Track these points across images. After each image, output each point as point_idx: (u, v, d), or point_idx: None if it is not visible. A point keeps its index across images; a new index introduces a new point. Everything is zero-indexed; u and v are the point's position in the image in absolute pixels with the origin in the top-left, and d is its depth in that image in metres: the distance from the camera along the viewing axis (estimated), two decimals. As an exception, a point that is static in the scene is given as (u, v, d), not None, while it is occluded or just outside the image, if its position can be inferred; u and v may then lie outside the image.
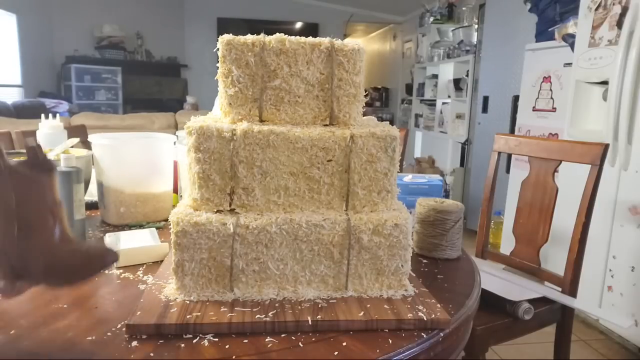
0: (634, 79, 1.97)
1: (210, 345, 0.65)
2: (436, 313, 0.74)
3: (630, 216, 2.06)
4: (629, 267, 2.06)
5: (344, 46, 0.83)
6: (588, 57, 2.28)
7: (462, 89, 4.44)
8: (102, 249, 0.68)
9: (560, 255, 1.64)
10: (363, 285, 0.82)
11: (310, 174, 0.81)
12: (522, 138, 1.70)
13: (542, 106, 2.83)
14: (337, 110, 0.85)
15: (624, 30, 2.00)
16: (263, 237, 0.78)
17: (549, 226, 1.55)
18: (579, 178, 1.55)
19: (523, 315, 1.33)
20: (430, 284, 0.90)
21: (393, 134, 0.82)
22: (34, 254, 0.65)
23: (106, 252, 0.68)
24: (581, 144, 1.53)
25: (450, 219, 1.06)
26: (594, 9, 2.26)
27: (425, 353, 0.69)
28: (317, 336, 0.69)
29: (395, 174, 0.84)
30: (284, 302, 0.77)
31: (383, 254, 0.81)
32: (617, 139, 2.06)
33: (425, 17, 5.32)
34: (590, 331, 2.33)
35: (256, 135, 0.79)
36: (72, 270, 0.66)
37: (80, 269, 0.66)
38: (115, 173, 1.20)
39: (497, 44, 3.70)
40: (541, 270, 1.56)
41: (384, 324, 0.71)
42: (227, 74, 0.82)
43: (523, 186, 1.66)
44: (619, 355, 2.13)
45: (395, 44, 7.18)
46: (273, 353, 0.64)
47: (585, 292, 2.04)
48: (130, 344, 0.65)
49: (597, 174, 1.44)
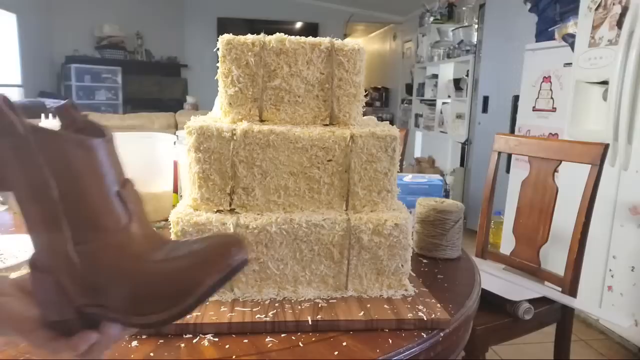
0: (634, 79, 1.97)
1: (210, 345, 0.65)
2: (436, 313, 0.74)
3: (630, 216, 2.06)
4: (629, 267, 2.06)
5: (344, 46, 0.83)
6: (588, 57, 2.28)
7: (462, 89, 4.44)
8: (222, 244, 0.43)
9: (560, 255, 1.64)
10: (363, 285, 0.82)
11: (310, 173, 0.81)
12: (522, 138, 1.70)
13: (542, 106, 2.83)
14: (337, 110, 0.85)
15: (624, 30, 2.00)
16: (263, 237, 0.78)
17: (549, 226, 1.55)
18: (579, 178, 1.55)
19: (523, 315, 1.33)
20: (430, 284, 0.90)
21: (393, 133, 0.82)
22: (106, 271, 0.42)
23: (229, 247, 0.42)
24: (581, 144, 1.53)
25: (450, 219, 1.06)
26: (594, 8, 2.26)
27: (425, 353, 0.69)
28: (317, 336, 0.69)
29: (395, 174, 0.84)
30: (284, 302, 0.77)
31: (383, 254, 0.81)
32: (617, 139, 2.06)
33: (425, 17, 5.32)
34: (590, 331, 2.33)
35: (256, 135, 0.79)
36: (177, 290, 0.41)
37: (190, 285, 0.41)
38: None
39: (497, 44, 3.70)
40: (541, 270, 1.56)
41: (384, 324, 0.71)
42: (227, 74, 0.82)
43: (523, 186, 1.66)
44: (619, 355, 2.13)
45: (395, 44, 7.18)
46: (273, 353, 0.64)
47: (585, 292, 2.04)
48: (130, 344, 0.65)
49: (597, 174, 1.44)
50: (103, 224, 0.42)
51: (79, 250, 0.42)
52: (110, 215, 0.42)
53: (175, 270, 0.41)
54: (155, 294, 0.41)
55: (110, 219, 0.42)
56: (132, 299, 0.41)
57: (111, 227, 0.42)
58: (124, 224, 0.43)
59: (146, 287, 0.41)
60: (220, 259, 0.41)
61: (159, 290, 0.41)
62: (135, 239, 0.43)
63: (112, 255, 0.42)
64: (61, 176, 0.41)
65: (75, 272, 0.42)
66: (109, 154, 0.43)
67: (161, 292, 0.41)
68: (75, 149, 0.41)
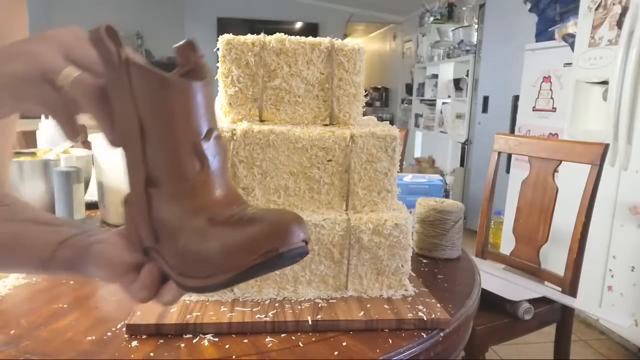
0: (634, 79, 1.97)
1: (210, 345, 0.65)
2: (436, 313, 0.74)
3: (630, 216, 2.06)
4: (629, 267, 2.06)
5: (344, 46, 0.83)
6: (588, 57, 2.28)
7: (462, 89, 4.44)
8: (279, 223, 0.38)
9: (560, 255, 1.64)
10: (363, 285, 0.82)
11: (310, 173, 0.81)
12: (522, 138, 1.70)
13: (542, 106, 2.83)
14: (337, 110, 0.85)
15: (624, 30, 2.00)
16: (263, 237, 0.78)
17: (549, 226, 1.55)
18: (579, 178, 1.55)
19: (523, 315, 1.33)
20: (430, 284, 0.90)
21: (393, 133, 0.82)
22: (168, 220, 0.41)
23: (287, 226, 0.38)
24: (581, 144, 1.53)
25: (450, 219, 1.06)
26: (594, 8, 2.26)
27: (425, 353, 0.69)
28: (317, 336, 0.69)
29: (395, 174, 0.84)
30: (284, 301, 0.77)
31: (383, 254, 0.81)
32: (617, 139, 2.06)
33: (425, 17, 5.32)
34: (590, 331, 2.33)
35: (256, 135, 0.79)
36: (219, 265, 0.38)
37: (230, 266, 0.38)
38: (115, 173, 1.20)
39: (497, 44, 3.70)
40: (541, 270, 1.56)
41: (384, 324, 0.71)
42: (227, 74, 0.82)
43: (523, 186, 1.66)
44: (619, 355, 2.13)
45: (395, 44, 7.18)
46: (273, 353, 0.64)
47: (585, 292, 2.04)
48: (130, 344, 0.65)
49: (597, 174, 1.44)
50: (177, 172, 0.40)
51: (150, 193, 0.41)
52: (186, 165, 0.40)
53: (228, 241, 0.38)
54: (201, 259, 0.39)
55: (186, 169, 0.40)
56: (180, 255, 0.40)
57: (185, 177, 0.40)
58: (200, 176, 0.40)
59: (195, 248, 0.39)
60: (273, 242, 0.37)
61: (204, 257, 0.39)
62: (206, 193, 0.41)
63: (176, 206, 0.40)
64: (147, 115, 0.39)
65: (145, 213, 0.42)
66: (204, 99, 0.40)
67: (206, 259, 0.39)
68: (169, 90, 0.39)
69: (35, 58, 0.40)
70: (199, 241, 0.39)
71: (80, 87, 0.40)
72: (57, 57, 0.41)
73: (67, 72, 0.40)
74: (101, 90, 0.40)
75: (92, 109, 0.41)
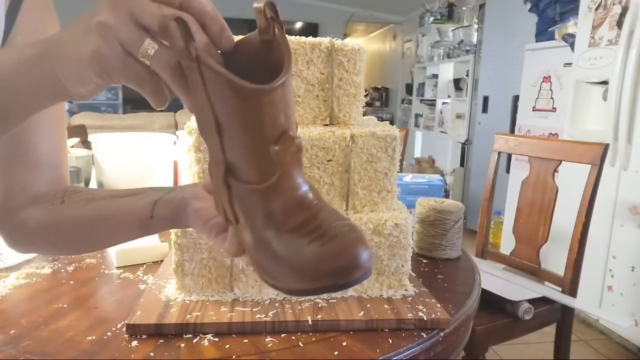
0: (634, 79, 1.97)
1: (210, 345, 0.65)
2: (436, 313, 0.74)
3: (630, 216, 2.06)
4: (629, 267, 2.06)
5: (344, 46, 0.83)
6: (588, 57, 2.28)
7: (462, 89, 4.44)
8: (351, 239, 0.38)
9: (560, 255, 1.64)
10: (363, 285, 0.81)
11: (310, 173, 0.81)
12: (522, 138, 1.70)
13: (542, 106, 2.83)
14: (337, 110, 0.85)
15: (624, 30, 2.00)
16: (263, 237, 0.78)
17: (549, 226, 1.55)
18: (579, 178, 1.55)
19: (523, 315, 1.33)
20: (430, 284, 0.90)
21: (393, 133, 0.82)
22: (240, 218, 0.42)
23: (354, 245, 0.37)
24: (581, 144, 1.53)
25: (450, 219, 1.06)
26: (594, 8, 2.26)
27: (425, 353, 0.69)
28: (317, 336, 0.69)
29: (395, 174, 0.84)
30: (284, 301, 0.77)
31: (383, 254, 0.81)
32: (617, 139, 2.06)
33: (425, 17, 5.32)
34: (590, 331, 2.33)
35: (256, 135, 0.79)
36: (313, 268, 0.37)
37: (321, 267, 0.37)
38: (115, 173, 1.20)
39: (497, 44, 3.70)
40: (541, 270, 1.56)
41: (384, 324, 0.71)
42: (227, 74, 0.82)
43: (523, 186, 1.66)
44: (619, 355, 2.13)
45: (395, 44, 7.18)
46: (273, 353, 0.64)
47: (585, 292, 2.04)
48: (130, 344, 0.65)
49: (597, 174, 1.44)
50: (252, 173, 0.40)
51: (229, 182, 0.41)
52: (260, 168, 0.39)
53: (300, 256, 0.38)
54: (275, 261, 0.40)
55: (260, 171, 0.39)
56: (255, 248, 0.42)
57: (259, 179, 0.39)
58: (274, 179, 0.39)
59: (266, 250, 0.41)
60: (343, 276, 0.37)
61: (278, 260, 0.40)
62: (279, 196, 0.40)
63: (253, 204, 0.41)
64: (222, 115, 0.38)
65: (226, 199, 0.43)
66: (280, 99, 0.38)
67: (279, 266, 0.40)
68: (242, 98, 0.36)
69: (111, 32, 0.37)
70: (271, 244, 0.40)
71: (160, 64, 0.38)
72: (131, 28, 0.37)
73: (146, 45, 0.38)
74: (180, 66, 0.38)
75: (174, 85, 0.39)
